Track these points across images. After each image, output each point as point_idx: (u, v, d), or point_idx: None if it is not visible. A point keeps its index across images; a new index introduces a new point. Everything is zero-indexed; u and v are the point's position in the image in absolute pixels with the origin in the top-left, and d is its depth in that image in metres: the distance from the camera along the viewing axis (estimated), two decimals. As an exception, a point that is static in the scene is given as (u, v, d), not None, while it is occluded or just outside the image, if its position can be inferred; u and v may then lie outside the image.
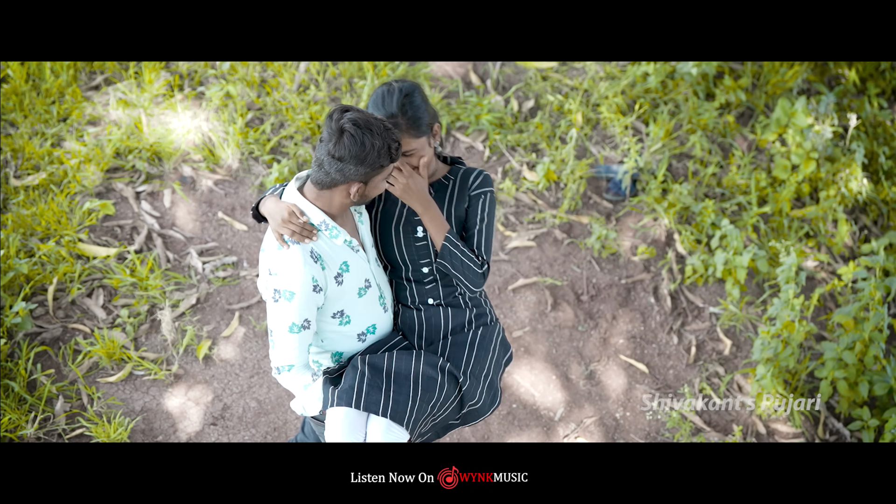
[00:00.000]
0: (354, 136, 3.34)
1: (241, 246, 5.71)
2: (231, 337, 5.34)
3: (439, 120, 3.74)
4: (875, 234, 6.49)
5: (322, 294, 3.54)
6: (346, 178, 3.41)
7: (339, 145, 3.36)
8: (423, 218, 3.66)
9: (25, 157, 5.79)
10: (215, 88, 6.24)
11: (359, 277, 3.64)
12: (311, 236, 3.49)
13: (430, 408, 3.60)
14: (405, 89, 3.59)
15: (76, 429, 4.89)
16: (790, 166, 6.40)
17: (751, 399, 5.47)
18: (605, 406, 5.39)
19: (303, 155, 6.06)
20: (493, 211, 3.78)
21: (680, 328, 5.77)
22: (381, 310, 3.79)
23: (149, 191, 5.84)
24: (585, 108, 6.63)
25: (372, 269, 3.72)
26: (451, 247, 3.65)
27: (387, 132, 3.39)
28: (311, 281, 3.47)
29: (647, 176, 6.29)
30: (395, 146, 3.41)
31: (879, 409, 5.36)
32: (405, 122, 3.55)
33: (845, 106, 6.91)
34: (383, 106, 3.56)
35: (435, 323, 3.82)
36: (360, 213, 3.73)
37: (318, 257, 3.50)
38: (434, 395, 3.60)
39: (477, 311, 3.85)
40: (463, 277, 3.68)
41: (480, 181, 3.77)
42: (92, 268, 5.43)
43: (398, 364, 3.63)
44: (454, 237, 3.66)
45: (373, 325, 3.77)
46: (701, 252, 5.97)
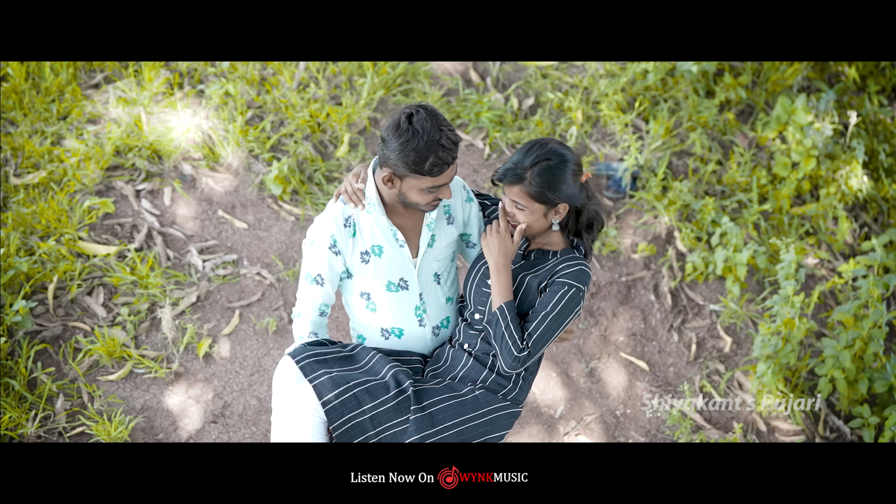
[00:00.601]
0: (404, 125, 3.35)
1: (242, 244, 5.71)
2: (231, 335, 5.34)
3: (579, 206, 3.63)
4: (875, 231, 6.49)
5: (341, 259, 3.61)
6: (382, 160, 3.44)
7: (391, 126, 3.38)
8: (493, 279, 3.61)
9: (25, 155, 5.79)
10: (215, 86, 6.24)
11: (392, 271, 3.66)
12: (357, 203, 3.56)
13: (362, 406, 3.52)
14: (556, 155, 3.52)
15: (76, 427, 4.88)
16: (790, 164, 6.40)
17: (751, 397, 5.48)
18: (605, 403, 5.39)
19: (303, 153, 6.06)
20: (569, 309, 3.59)
21: (680, 326, 5.77)
22: (416, 321, 3.77)
23: (149, 189, 5.83)
24: (585, 106, 6.63)
25: (417, 275, 3.69)
26: (500, 317, 3.57)
27: (438, 145, 3.35)
28: (330, 239, 3.57)
29: (648, 173, 6.29)
30: (436, 161, 3.36)
31: (880, 406, 5.36)
32: (530, 177, 3.51)
33: (845, 103, 6.90)
34: (525, 152, 3.53)
35: (453, 365, 3.75)
36: (432, 221, 3.66)
37: (352, 225, 3.58)
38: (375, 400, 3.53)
39: (498, 379, 3.69)
40: (499, 350, 3.58)
41: (573, 272, 3.61)
42: (92, 266, 5.42)
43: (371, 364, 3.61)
44: (509, 310, 3.57)
45: (400, 329, 3.78)
46: (701, 249, 5.96)
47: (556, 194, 3.52)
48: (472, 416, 3.62)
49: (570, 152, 3.55)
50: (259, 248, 5.70)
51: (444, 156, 3.36)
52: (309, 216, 5.84)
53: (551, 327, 3.55)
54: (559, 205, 3.56)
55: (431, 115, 3.38)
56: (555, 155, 3.51)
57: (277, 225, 5.81)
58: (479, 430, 3.63)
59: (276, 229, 5.78)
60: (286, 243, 5.73)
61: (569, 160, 3.53)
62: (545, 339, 3.56)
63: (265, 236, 5.75)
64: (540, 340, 3.55)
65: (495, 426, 3.67)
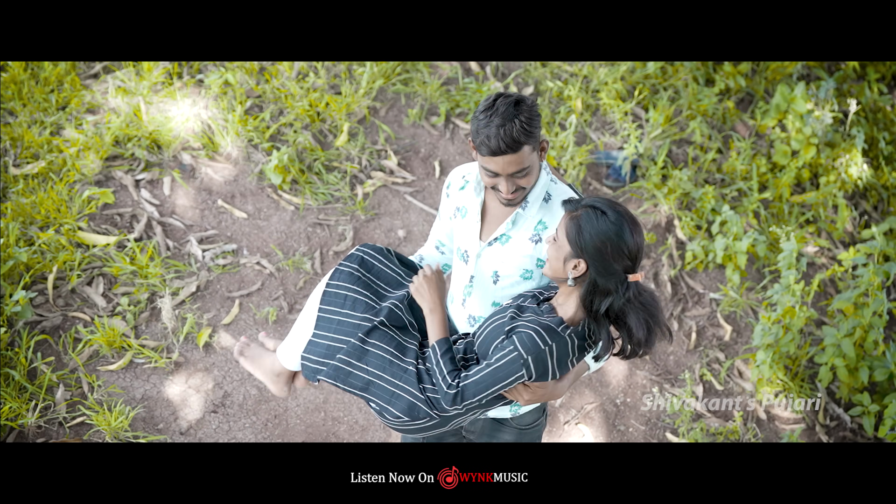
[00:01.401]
0: (490, 99, 3.33)
1: (241, 233, 5.71)
2: (231, 324, 5.34)
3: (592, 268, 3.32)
4: (875, 219, 6.49)
5: (448, 204, 3.74)
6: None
7: (487, 99, 3.36)
8: (427, 319, 3.49)
9: (24, 145, 5.78)
10: (214, 76, 6.23)
11: (463, 238, 3.67)
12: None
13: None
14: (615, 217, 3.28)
15: (77, 417, 4.89)
16: (790, 152, 6.39)
17: (751, 385, 5.48)
18: (605, 392, 5.39)
19: (302, 142, 6.06)
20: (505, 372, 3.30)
21: (680, 314, 5.77)
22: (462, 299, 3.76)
23: (148, 179, 5.83)
24: (585, 95, 6.62)
25: (478, 258, 3.63)
26: (431, 354, 3.43)
27: (498, 128, 3.26)
28: (449, 181, 3.75)
29: (647, 162, 6.29)
30: (484, 140, 3.29)
31: (880, 394, 5.37)
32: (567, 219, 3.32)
33: (845, 91, 6.90)
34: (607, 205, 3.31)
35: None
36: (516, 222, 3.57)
37: (466, 181, 3.69)
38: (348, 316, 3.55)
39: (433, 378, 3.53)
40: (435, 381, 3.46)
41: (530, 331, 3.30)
42: (92, 256, 5.42)
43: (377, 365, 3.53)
44: (440, 347, 3.42)
45: (452, 296, 3.84)
46: (701, 238, 5.96)
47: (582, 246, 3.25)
48: (385, 379, 3.50)
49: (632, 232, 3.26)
50: (259, 237, 5.70)
51: (492, 142, 3.28)
52: (308, 205, 5.84)
53: (485, 380, 3.32)
54: (580, 260, 3.26)
55: (519, 105, 3.30)
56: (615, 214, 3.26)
57: (277, 214, 5.81)
58: (381, 394, 3.49)
59: (275, 219, 5.78)
60: (286, 233, 5.73)
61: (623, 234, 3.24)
62: (477, 387, 3.34)
63: (265, 226, 5.75)
64: (472, 387, 3.33)
65: (393, 402, 3.48)
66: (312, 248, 5.69)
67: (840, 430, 5.45)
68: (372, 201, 5.97)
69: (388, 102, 6.44)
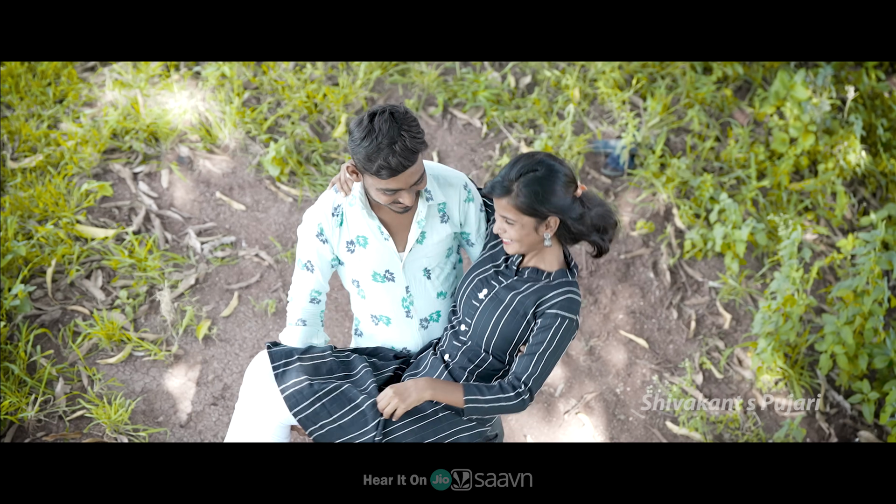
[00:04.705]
0: (365, 122, 3.31)
1: (240, 226, 5.70)
2: (230, 317, 5.34)
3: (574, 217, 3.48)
4: (874, 206, 6.49)
5: (328, 247, 3.63)
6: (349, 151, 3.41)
7: (356, 120, 3.35)
8: (439, 398, 3.53)
9: (22, 139, 5.78)
10: (211, 68, 6.22)
11: (377, 263, 3.64)
12: (347, 192, 3.57)
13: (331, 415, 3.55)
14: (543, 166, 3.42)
15: (77, 410, 4.89)
16: (788, 139, 6.39)
17: (751, 373, 5.49)
18: (605, 381, 5.40)
19: (300, 134, 6.05)
20: (564, 341, 3.51)
21: (679, 303, 5.77)
22: (403, 312, 3.76)
23: (146, 171, 5.83)
24: (582, 84, 6.62)
25: (403, 269, 3.67)
26: (474, 405, 3.50)
27: (390, 149, 3.27)
28: (318, 227, 3.60)
29: (645, 150, 6.28)
30: (384, 164, 3.29)
31: (879, 381, 5.37)
32: (518, 189, 3.40)
33: (843, 78, 6.89)
34: (512, 164, 3.44)
35: (428, 374, 3.70)
36: (423, 219, 3.60)
37: (340, 214, 3.59)
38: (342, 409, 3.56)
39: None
40: (499, 413, 3.56)
41: (563, 301, 3.52)
42: (90, 249, 5.42)
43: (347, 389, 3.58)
44: (472, 394, 3.50)
45: (388, 317, 3.78)
46: (700, 226, 5.96)
47: (545, 206, 3.40)
48: (434, 439, 3.60)
49: (559, 163, 3.44)
50: (257, 229, 5.70)
51: (392, 161, 3.28)
52: (307, 197, 5.84)
53: (550, 363, 3.50)
54: (549, 218, 3.45)
55: (398, 118, 3.30)
56: (542, 165, 3.41)
57: (275, 206, 5.80)
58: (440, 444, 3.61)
59: (273, 210, 5.78)
60: (284, 224, 5.72)
61: (557, 171, 3.41)
62: (545, 375, 3.50)
63: (263, 218, 5.75)
64: (540, 378, 3.50)
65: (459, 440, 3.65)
66: (311, 240, 5.69)
67: (840, 417, 5.46)
68: (370, 192, 5.96)
69: (385, 93, 6.43)
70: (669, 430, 5.25)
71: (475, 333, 3.63)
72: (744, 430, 5.29)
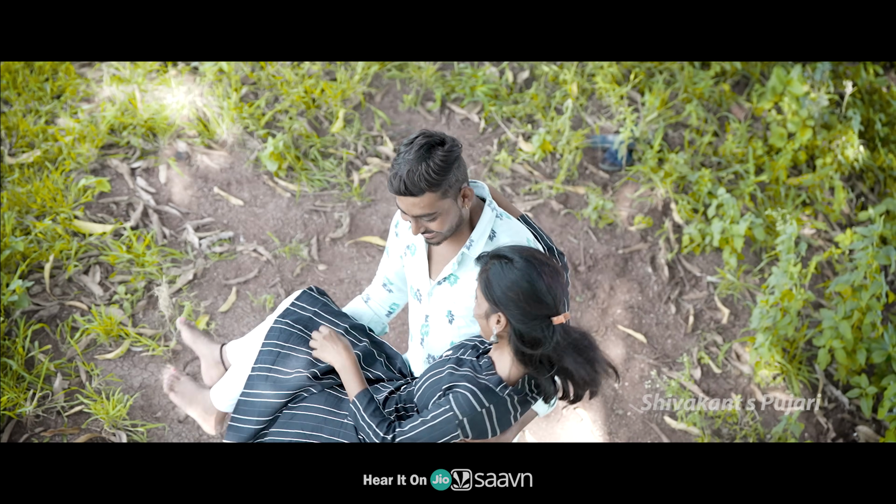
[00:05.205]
0: (410, 137, 3.31)
1: (238, 221, 5.70)
2: (229, 312, 5.34)
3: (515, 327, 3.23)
4: (872, 201, 6.49)
5: (397, 242, 3.67)
6: None
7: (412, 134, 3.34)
8: (342, 377, 3.47)
9: (20, 134, 5.77)
10: (209, 64, 6.21)
11: (414, 277, 3.62)
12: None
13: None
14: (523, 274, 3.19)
15: (75, 406, 4.89)
16: (786, 134, 6.39)
17: (749, 368, 5.49)
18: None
19: (298, 129, 6.05)
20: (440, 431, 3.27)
21: (678, 298, 5.77)
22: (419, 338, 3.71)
23: (144, 167, 5.82)
24: (581, 79, 6.61)
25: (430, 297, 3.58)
26: (355, 410, 3.39)
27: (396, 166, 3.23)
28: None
29: (644, 145, 6.28)
30: (390, 180, 3.25)
31: (878, 376, 5.38)
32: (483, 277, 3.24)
33: (841, 73, 6.89)
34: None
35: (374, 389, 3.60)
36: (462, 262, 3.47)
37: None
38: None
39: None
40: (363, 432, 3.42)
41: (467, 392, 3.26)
42: (88, 245, 5.42)
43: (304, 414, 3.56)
44: (360, 401, 3.39)
45: (411, 334, 3.77)
46: (698, 221, 5.96)
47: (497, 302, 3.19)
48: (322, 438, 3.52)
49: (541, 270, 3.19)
50: (255, 224, 5.69)
51: (393, 181, 3.23)
52: (305, 192, 5.83)
53: (421, 437, 3.30)
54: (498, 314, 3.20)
55: (433, 150, 3.24)
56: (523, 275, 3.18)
57: (273, 201, 5.80)
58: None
59: (271, 206, 5.78)
60: (282, 220, 5.72)
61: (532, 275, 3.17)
62: (412, 439, 3.31)
63: (261, 213, 5.74)
64: (406, 438, 3.31)
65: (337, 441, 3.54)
66: (309, 235, 5.69)
67: (838, 412, 5.47)
68: (368, 187, 5.96)
69: (383, 88, 6.43)
70: (668, 425, 5.25)
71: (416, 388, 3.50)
72: (742, 424, 5.29)
